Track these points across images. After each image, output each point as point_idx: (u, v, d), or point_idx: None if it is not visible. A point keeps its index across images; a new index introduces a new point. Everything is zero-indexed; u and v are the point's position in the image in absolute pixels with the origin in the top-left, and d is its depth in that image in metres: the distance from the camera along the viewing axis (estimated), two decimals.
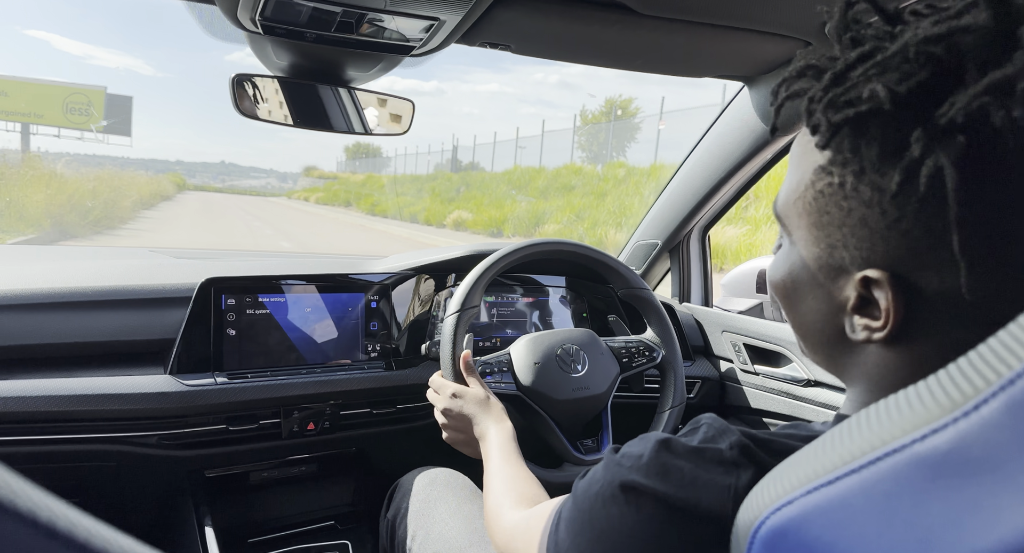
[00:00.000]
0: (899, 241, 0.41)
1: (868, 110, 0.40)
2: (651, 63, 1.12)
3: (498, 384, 1.13)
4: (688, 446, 0.49)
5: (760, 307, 1.67)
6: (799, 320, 0.52)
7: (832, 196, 0.45)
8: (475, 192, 20.82)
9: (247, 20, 0.89)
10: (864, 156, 0.41)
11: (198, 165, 66.03)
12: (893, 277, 0.42)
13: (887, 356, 0.45)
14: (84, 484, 1.14)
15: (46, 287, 1.12)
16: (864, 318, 0.45)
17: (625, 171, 16.36)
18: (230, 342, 1.20)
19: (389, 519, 1.11)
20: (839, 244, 0.45)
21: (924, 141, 0.38)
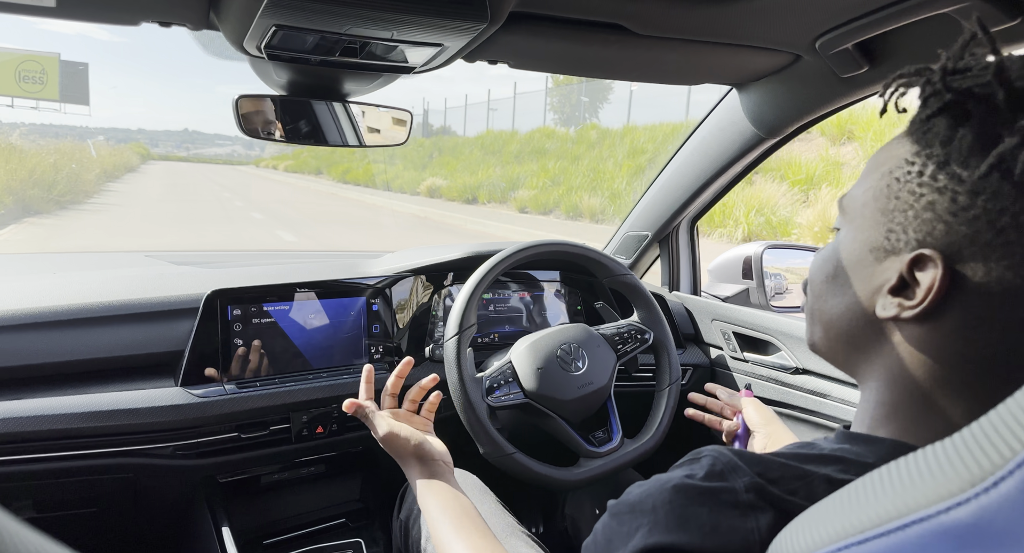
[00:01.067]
0: (960, 227, 0.44)
1: (982, 92, 0.43)
2: (646, 75, 1.14)
3: (507, 396, 1.17)
4: (700, 487, 0.49)
5: (746, 293, 1.74)
6: (828, 306, 0.55)
7: (907, 183, 0.47)
8: (448, 158, 20.61)
9: (253, 48, 0.89)
10: (955, 148, 0.44)
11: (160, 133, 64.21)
12: (945, 258, 0.45)
13: (911, 336, 0.48)
14: (102, 494, 1.17)
15: (54, 304, 1.13)
16: (898, 298, 0.48)
17: (598, 133, 16.31)
18: (238, 351, 1.22)
19: (402, 520, 1.16)
20: (899, 228, 0.48)
21: (1022, 135, 0.41)
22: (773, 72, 1.14)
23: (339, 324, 1.34)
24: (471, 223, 12.53)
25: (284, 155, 34.74)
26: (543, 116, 22.73)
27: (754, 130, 1.27)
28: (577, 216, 12.54)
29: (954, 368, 0.47)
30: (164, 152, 45.88)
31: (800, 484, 0.48)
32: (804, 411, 1.35)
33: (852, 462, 0.49)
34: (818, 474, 0.48)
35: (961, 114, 0.45)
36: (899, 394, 0.50)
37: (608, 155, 14.43)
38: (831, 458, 0.50)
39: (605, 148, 14.96)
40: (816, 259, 0.57)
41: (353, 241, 10.51)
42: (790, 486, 0.48)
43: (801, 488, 0.48)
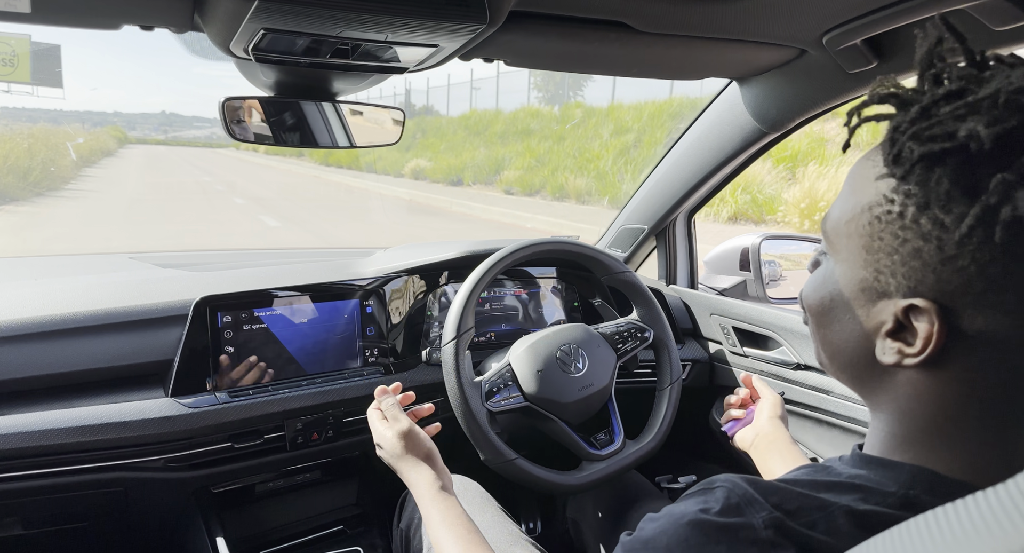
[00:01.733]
0: (950, 277, 0.43)
1: (955, 147, 0.41)
2: (647, 71, 1.11)
3: (507, 399, 1.15)
4: (717, 524, 0.47)
5: (744, 285, 1.72)
6: (830, 338, 0.53)
7: (889, 224, 0.45)
8: (432, 138, 20.41)
9: (240, 50, 0.85)
10: (932, 191, 0.43)
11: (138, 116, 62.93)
12: (940, 309, 0.44)
13: (917, 385, 0.47)
14: (92, 509, 1.14)
15: (36, 315, 1.09)
16: (897, 342, 0.47)
17: (583, 112, 16.20)
18: (229, 359, 1.19)
19: (403, 529, 1.14)
20: (887, 271, 0.46)
21: (1003, 187, 0.40)
22: (777, 66, 1.11)
23: (332, 327, 1.31)
24: (456, 206, 12.45)
25: None
26: (527, 95, 22.54)
27: (755, 124, 1.24)
28: (563, 197, 12.50)
29: (962, 406, 0.46)
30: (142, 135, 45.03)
31: (820, 516, 0.47)
32: (806, 407, 1.34)
33: (872, 491, 0.48)
34: (837, 505, 0.47)
35: (934, 162, 0.43)
36: (909, 428, 0.49)
37: (594, 134, 14.34)
38: (849, 486, 0.49)
39: (590, 127, 14.86)
40: (809, 284, 0.55)
41: (338, 224, 10.41)
42: (809, 518, 0.47)
43: (820, 521, 0.46)
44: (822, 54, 1.01)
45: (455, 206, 12.49)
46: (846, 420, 1.25)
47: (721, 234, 1.81)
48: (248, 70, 0.98)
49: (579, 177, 12.64)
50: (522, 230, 8.95)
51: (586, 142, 14.17)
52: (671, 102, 13.86)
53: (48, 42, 18.41)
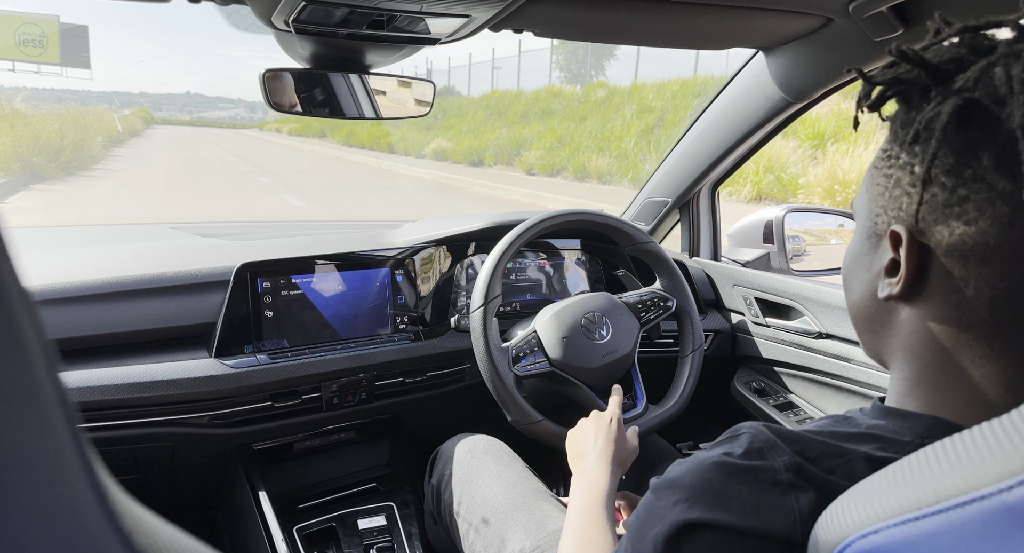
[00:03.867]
0: (920, 196, 0.47)
1: (907, 77, 0.48)
2: (673, 41, 1.13)
3: (533, 365, 1.19)
4: (739, 466, 0.49)
5: (767, 257, 1.74)
6: (853, 299, 0.57)
7: (882, 168, 0.51)
8: (453, 119, 20.37)
9: (280, 22, 0.89)
10: (912, 127, 0.47)
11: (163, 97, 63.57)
12: (910, 231, 0.48)
13: (913, 317, 0.50)
14: (143, 462, 1.21)
15: (90, 278, 1.14)
16: (890, 278, 0.51)
17: (605, 91, 16.05)
18: (268, 323, 1.24)
19: (434, 485, 1.19)
20: (882, 210, 0.51)
21: (939, 99, 0.45)
22: (803, 35, 1.13)
23: (364, 295, 1.35)
24: (477, 186, 12.45)
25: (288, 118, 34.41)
26: (549, 74, 22.36)
27: (781, 94, 1.26)
28: (585, 177, 12.45)
29: (960, 334, 0.48)
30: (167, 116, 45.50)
31: (839, 462, 0.49)
32: (828, 376, 1.36)
33: (890, 440, 0.50)
34: (857, 452, 0.49)
35: (907, 99, 0.49)
36: (917, 368, 0.51)
37: (616, 113, 14.22)
38: (868, 436, 0.51)
39: (612, 106, 14.73)
40: (842, 262, 0.60)
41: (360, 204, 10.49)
42: (829, 464, 0.49)
43: (840, 467, 0.49)
44: (848, 22, 1.02)
45: (476, 187, 12.50)
46: (866, 387, 1.27)
47: (742, 215, 1.81)
48: (287, 43, 1.02)
49: (601, 157, 12.57)
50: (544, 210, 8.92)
51: (608, 122, 14.06)
52: (695, 80, 13.68)
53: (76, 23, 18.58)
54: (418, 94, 1.20)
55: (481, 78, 24.37)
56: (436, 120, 21.20)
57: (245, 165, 16.43)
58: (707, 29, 1.07)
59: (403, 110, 1.19)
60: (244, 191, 11.45)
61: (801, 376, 1.45)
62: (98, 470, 0.19)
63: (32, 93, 28.59)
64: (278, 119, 33.91)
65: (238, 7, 0.91)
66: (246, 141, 26.72)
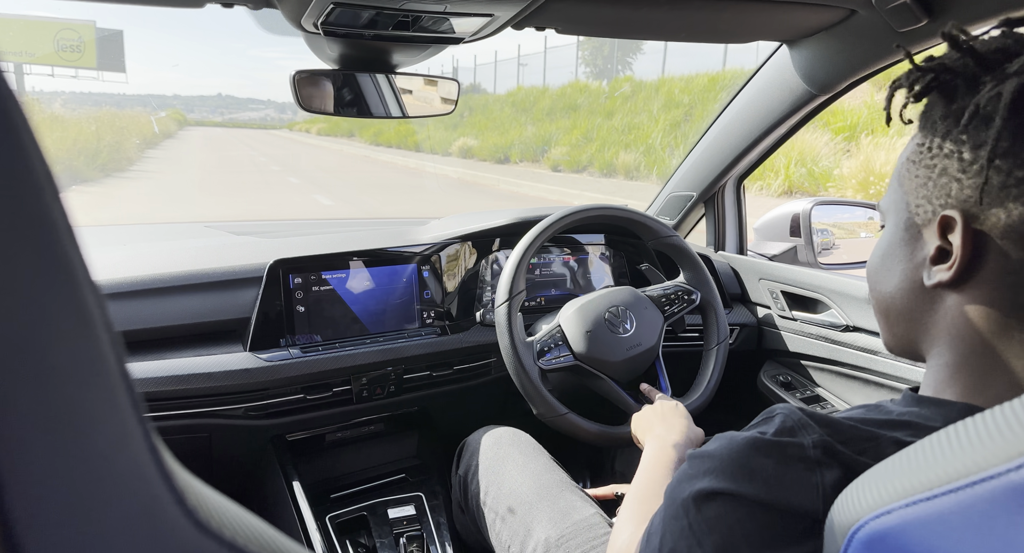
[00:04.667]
0: (971, 180, 0.47)
1: (954, 64, 0.49)
2: (696, 35, 1.13)
3: (557, 358, 1.21)
4: (768, 441, 0.51)
5: (794, 250, 1.73)
6: (885, 292, 0.58)
7: (922, 159, 0.52)
8: (479, 117, 20.41)
9: (310, 25, 0.92)
10: (951, 116, 0.49)
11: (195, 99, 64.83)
12: (965, 215, 0.48)
13: (961, 301, 0.51)
14: (180, 453, 1.24)
15: (130, 275, 1.19)
16: (939, 265, 0.51)
17: (631, 86, 15.95)
18: (300, 318, 1.28)
19: (461, 475, 1.22)
20: (924, 200, 0.52)
21: (994, 83, 0.46)
22: (827, 27, 1.12)
23: (392, 290, 1.38)
24: (504, 184, 12.48)
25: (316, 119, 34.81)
26: (575, 70, 22.28)
27: (805, 87, 1.25)
28: (611, 173, 12.39)
29: (1009, 318, 0.49)
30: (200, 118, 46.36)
31: (869, 445, 0.50)
32: (855, 369, 1.36)
33: (920, 426, 0.50)
34: (887, 437, 0.50)
35: (949, 90, 0.49)
36: (960, 354, 0.52)
37: (643, 108, 14.12)
38: (900, 423, 0.51)
39: (639, 101, 14.63)
40: (869, 259, 0.60)
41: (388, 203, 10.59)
42: (858, 446, 0.50)
43: (870, 449, 0.49)
44: (871, 13, 1.02)
45: (502, 184, 12.53)
46: (894, 379, 1.27)
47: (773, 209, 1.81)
48: (316, 44, 1.05)
49: (627, 153, 12.50)
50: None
51: (635, 117, 13.97)
52: (724, 74, 13.51)
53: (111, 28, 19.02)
54: (443, 92, 1.23)
55: (507, 75, 24.40)
56: (462, 118, 21.27)
57: (275, 165, 16.69)
58: (729, 23, 1.08)
59: (429, 108, 1.22)
60: (275, 191, 11.63)
61: (828, 369, 1.45)
62: (155, 439, 0.22)
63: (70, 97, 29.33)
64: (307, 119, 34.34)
65: (269, 10, 0.94)
66: (276, 141, 27.12)
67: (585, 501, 1.08)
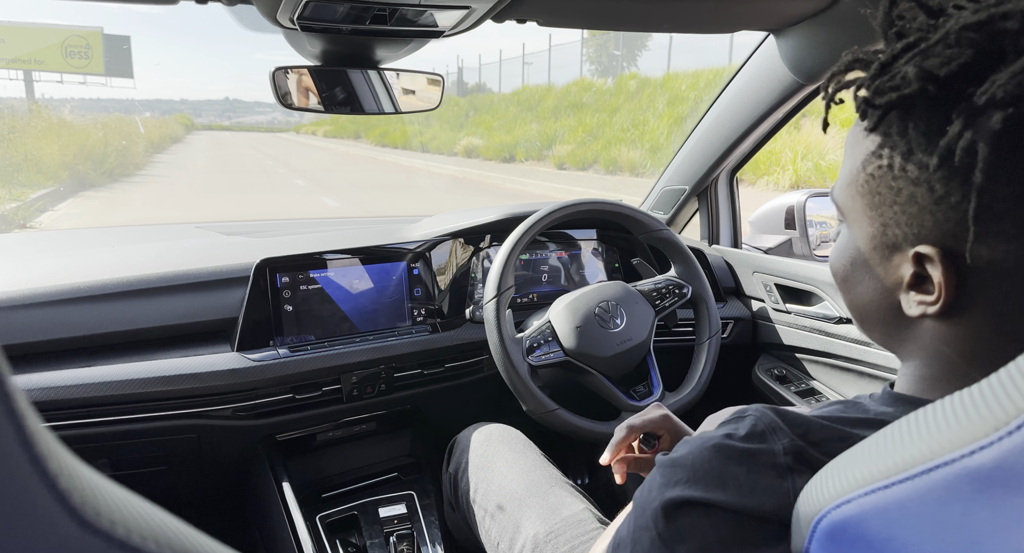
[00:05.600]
0: (947, 215, 0.44)
1: (911, 93, 0.43)
2: (679, 25, 1.12)
3: (547, 354, 1.20)
4: (739, 449, 0.50)
5: (789, 243, 1.71)
6: (856, 301, 0.55)
7: (882, 177, 0.48)
8: (484, 116, 20.40)
9: (286, 20, 0.91)
10: (911, 137, 0.45)
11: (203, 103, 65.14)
12: (944, 252, 0.45)
13: (943, 330, 0.49)
14: (170, 454, 1.25)
15: (116, 276, 1.19)
16: (919, 294, 0.48)
17: (637, 83, 15.90)
18: (288, 317, 1.27)
19: (451, 473, 1.21)
20: (892, 222, 0.48)
21: (964, 118, 0.41)
22: (811, 15, 1.11)
23: (382, 288, 1.38)
24: (509, 182, 12.47)
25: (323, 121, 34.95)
26: (580, 68, 22.23)
27: (792, 77, 1.24)
28: (616, 170, 12.36)
29: (991, 342, 0.47)
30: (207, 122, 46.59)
31: (840, 446, 0.48)
32: (848, 361, 1.34)
33: None
34: (860, 437, 0.48)
35: (906, 108, 0.45)
36: (939, 369, 0.50)
37: (648, 105, 14.08)
38: (875, 422, 0.50)
39: (644, 98, 14.58)
40: (832, 253, 0.58)
41: (394, 203, 10.61)
42: (830, 448, 0.49)
43: (840, 450, 0.47)
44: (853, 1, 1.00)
45: (507, 182, 12.52)
46: (887, 371, 1.25)
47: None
48: (295, 40, 1.05)
49: (632, 149, 12.46)
50: None
51: (640, 113, 13.92)
52: (731, 69, 13.40)
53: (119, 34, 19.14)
54: (427, 87, 1.22)
55: (512, 74, 24.38)
56: (468, 118, 21.27)
57: (282, 168, 16.74)
58: (712, 12, 1.06)
59: (413, 103, 1.21)
60: (281, 193, 11.67)
61: (823, 362, 1.43)
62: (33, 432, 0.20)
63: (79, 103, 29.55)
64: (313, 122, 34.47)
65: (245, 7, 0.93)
66: (283, 144, 27.22)
67: (575, 497, 1.07)
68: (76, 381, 1.08)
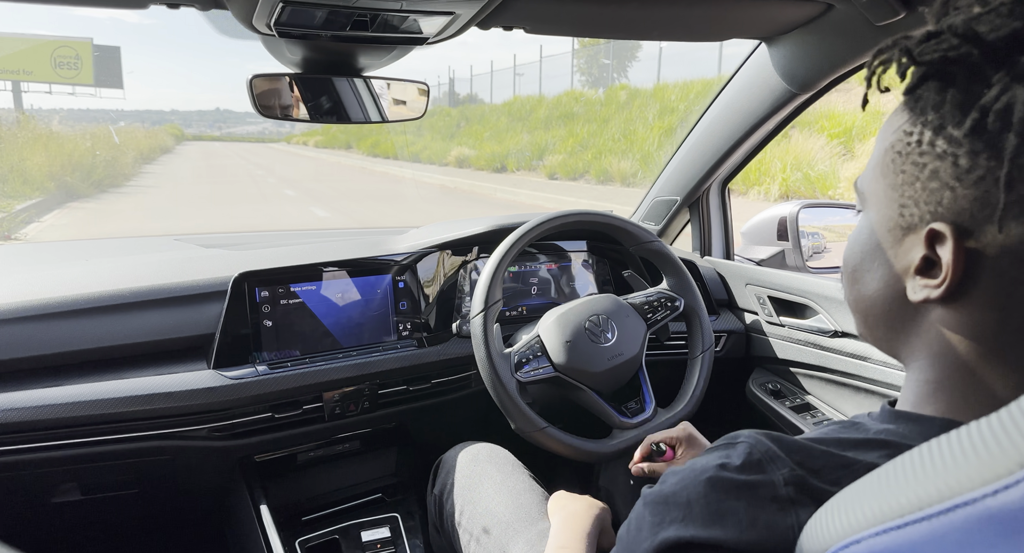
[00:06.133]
0: (967, 191, 0.42)
1: (956, 56, 0.42)
2: (669, 33, 1.09)
3: (536, 370, 1.16)
4: (736, 481, 0.47)
5: (782, 254, 1.69)
6: (863, 292, 0.53)
7: (909, 154, 0.46)
8: (475, 126, 20.44)
9: (262, 26, 0.88)
10: (946, 109, 0.43)
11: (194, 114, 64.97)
12: (957, 231, 0.43)
13: (946, 318, 0.46)
14: (142, 476, 1.20)
15: (87, 291, 1.15)
16: (925, 279, 0.46)
17: (627, 94, 15.97)
18: (267, 333, 1.23)
19: (436, 495, 1.17)
20: (910, 202, 0.46)
21: (1004, 83, 0.39)
22: (803, 23, 1.08)
23: (367, 302, 1.34)
24: (500, 192, 12.47)
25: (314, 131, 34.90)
26: (570, 79, 22.33)
27: (785, 86, 1.21)
28: (607, 180, 12.39)
29: (997, 339, 0.44)
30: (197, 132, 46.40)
31: (844, 473, 0.46)
32: (844, 375, 1.31)
33: (899, 446, 0.47)
34: (863, 462, 0.46)
35: (946, 76, 0.43)
36: (943, 371, 0.48)
37: (638, 115, 14.13)
38: (876, 442, 0.48)
39: (635, 108, 14.64)
40: (847, 243, 0.55)
41: (384, 214, 10.57)
42: (833, 476, 0.46)
43: (845, 478, 0.45)
44: (849, 7, 0.98)
45: (499, 192, 12.52)
46: (884, 386, 1.22)
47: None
48: (274, 47, 1.01)
49: (623, 160, 12.49)
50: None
51: (631, 124, 13.97)
52: (720, 80, 13.50)
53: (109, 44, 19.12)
54: (414, 95, 1.19)
55: (503, 85, 24.45)
56: (459, 128, 21.30)
57: (272, 178, 16.69)
58: (702, 20, 1.04)
59: (397, 112, 1.18)
60: (271, 203, 11.61)
61: (818, 376, 1.40)
62: None
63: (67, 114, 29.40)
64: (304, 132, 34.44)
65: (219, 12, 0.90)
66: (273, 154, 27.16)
67: None
68: (43, 402, 1.04)
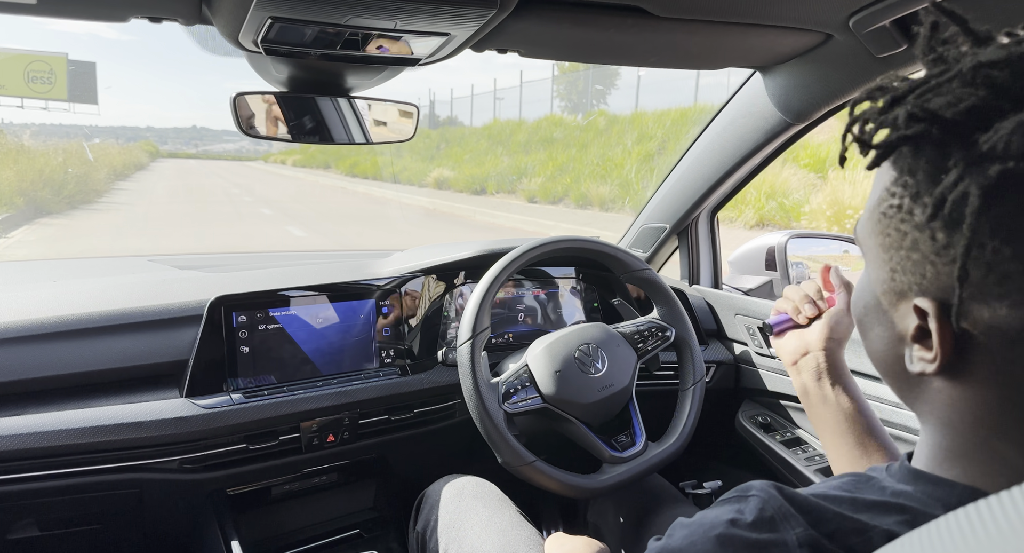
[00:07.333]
0: (948, 269, 0.40)
1: (913, 134, 0.39)
2: (665, 60, 1.08)
3: (524, 401, 1.12)
4: (749, 540, 0.45)
5: (770, 284, 1.67)
6: (870, 348, 0.51)
7: (892, 218, 0.43)
8: (455, 149, 20.52)
9: (249, 42, 0.84)
10: (919, 178, 0.41)
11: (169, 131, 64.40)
12: (941, 308, 0.41)
13: (948, 390, 0.44)
14: (107, 511, 1.14)
15: (53, 315, 1.09)
16: (921, 349, 0.43)
17: (606, 120, 16.18)
18: (244, 360, 1.18)
19: (419, 532, 1.12)
20: (899, 268, 0.44)
21: (963, 166, 0.37)
22: (801, 53, 1.08)
23: (348, 328, 1.29)
24: (480, 214, 12.48)
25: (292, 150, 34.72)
26: (550, 104, 22.58)
27: (780, 115, 1.20)
28: (587, 204, 12.47)
29: (1003, 414, 0.42)
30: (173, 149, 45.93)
31: (858, 540, 0.43)
32: None
33: (917, 513, 0.44)
34: (878, 529, 0.43)
35: (916, 149, 0.41)
36: (954, 439, 0.45)
37: (617, 141, 14.30)
38: (893, 506, 0.45)
39: (613, 134, 14.82)
40: (853, 294, 0.53)
41: (361, 234, 10.50)
42: (847, 542, 0.43)
43: (859, 545, 0.43)
44: (849, 38, 0.97)
45: (478, 215, 12.53)
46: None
47: (745, 241, 1.76)
48: (260, 65, 0.98)
49: (602, 185, 12.60)
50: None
51: (609, 150, 14.13)
52: (695, 108, 13.77)
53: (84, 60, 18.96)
54: (402, 117, 1.16)
55: (483, 108, 24.63)
56: (439, 150, 21.36)
57: (248, 196, 16.54)
58: (700, 48, 1.03)
59: (387, 134, 1.14)
60: (247, 222, 11.48)
61: None
62: None
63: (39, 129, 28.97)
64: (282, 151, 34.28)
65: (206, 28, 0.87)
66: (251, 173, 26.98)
67: None
68: (3, 432, 0.97)
